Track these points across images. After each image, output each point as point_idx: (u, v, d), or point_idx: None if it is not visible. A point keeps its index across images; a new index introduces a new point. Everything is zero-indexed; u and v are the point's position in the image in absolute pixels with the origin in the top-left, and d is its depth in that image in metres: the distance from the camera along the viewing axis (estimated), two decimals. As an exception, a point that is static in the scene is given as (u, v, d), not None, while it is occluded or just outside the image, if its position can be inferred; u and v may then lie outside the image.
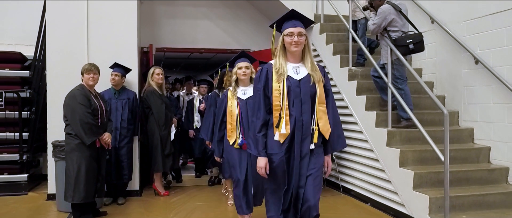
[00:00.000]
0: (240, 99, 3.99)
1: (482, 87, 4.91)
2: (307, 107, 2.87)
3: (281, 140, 2.85)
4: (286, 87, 2.84)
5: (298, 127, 2.85)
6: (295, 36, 2.82)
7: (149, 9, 6.98)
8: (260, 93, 2.93)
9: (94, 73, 4.65)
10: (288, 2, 6.75)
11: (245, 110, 3.96)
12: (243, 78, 4.00)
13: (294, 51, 2.85)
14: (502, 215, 4.01)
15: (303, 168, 2.89)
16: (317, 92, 2.87)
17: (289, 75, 2.87)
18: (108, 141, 4.67)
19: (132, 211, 5.10)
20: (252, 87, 3.86)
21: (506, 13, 4.56)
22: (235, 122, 3.97)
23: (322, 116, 2.89)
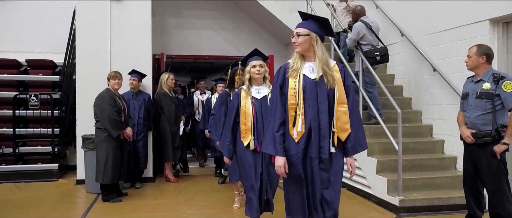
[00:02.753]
0: (255, 98, 3.84)
1: (438, 91, 5.88)
2: (324, 108, 2.82)
3: (296, 139, 2.82)
4: (301, 86, 2.82)
5: (315, 127, 2.81)
6: (294, 36, 2.90)
7: (160, 21, 7.93)
8: (277, 91, 2.90)
9: (119, 79, 5.71)
10: (281, 15, 7.74)
11: (260, 110, 3.82)
12: (257, 77, 3.84)
13: (297, 51, 2.89)
14: (446, 193, 4.98)
15: (323, 171, 2.83)
16: (336, 92, 2.82)
17: (304, 73, 2.85)
18: (130, 134, 5.72)
19: (147, 193, 6.11)
20: (265, 86, 3.87)
21: (455, 30, 5.53)
22: (250, 122, 3.79)
23: (341, 117, 2.83)
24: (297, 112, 2.82)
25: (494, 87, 3.77)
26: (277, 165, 2.84)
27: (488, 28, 5.03)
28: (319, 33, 2.88)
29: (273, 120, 2.89)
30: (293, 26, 7.78)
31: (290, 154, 2.85)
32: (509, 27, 4.97)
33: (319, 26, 2.90)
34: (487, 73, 3.88)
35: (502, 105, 3.75)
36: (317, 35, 2.86)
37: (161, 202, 5.61)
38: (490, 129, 3.77)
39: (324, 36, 2.96)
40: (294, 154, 2.84)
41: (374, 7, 7.20)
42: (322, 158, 2.83)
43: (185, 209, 5.19)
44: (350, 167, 2.95)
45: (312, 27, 2.87)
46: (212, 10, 8.51)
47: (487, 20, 5.02)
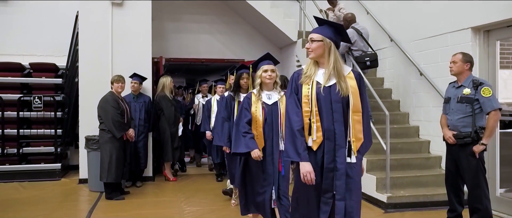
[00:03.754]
0: (266, 104, 3.73)
1: (425, 94, 6.22)
2: (339, 116, 2.75)
3: (314, 147, 2.75)
4: (315, 92, 2.75)
5: (329, 136, 2.74)
6: (308, 42, 2.83)
7: (159, 25, 8.17)
8: (293, 98, 2.84)
9: (122, 83, 5.98)
10: (277, 21, 8.06)
11: (270, 116, 3.72)
12: (268, 81, 3.74)
13: (311, 57, 2.83)
14: (431, 191, 5.32)
15: (340, 180, 2.73)
16: (351, 100, 2.74)
17: (318, 80, 2.79)
18: (132, 135, 6.00)
19: (148, 191, 6.39)
20: (276, 92, 3.80)
21: (440, 37, 5.86)
22: (261, 128, 3.69)
23: (355, 125, 2.76)
24: (311, 120, 2.74)
25: (474, 92, 4.09)
26: (304, 170, 2.71)
27: (470, 36, 5.36)
28: (333, 39, 2.79)
29: (292, 126, 2.78)
30: (287, 31, 8.22)
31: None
32: (490, 35, 5.31)
33: (334, 32, 2.81)
34: (467, 79, 4.21)
35: (480, 109, 4.08)
36: (331, 41, 2.77)
37: (162, 199, 5.90)
38: (470, 131, 4.10)
39: (339, 42, 2.88)
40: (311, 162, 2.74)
41: (365, 13, 7.52)
42: (338, 168, 2.73)
43: (186, 206, 5.48)
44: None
45: (326, 32, 2.79)
46: (209, 15, 8.79)
47: (469, 28, 5.35)
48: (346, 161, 2.74)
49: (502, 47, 5.59)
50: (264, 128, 3.70)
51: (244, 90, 4.50)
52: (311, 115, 2.75)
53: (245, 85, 4.54)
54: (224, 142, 4.58)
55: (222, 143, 4.67)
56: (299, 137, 2.75)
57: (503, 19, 4.91)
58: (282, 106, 3.68)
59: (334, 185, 2.74)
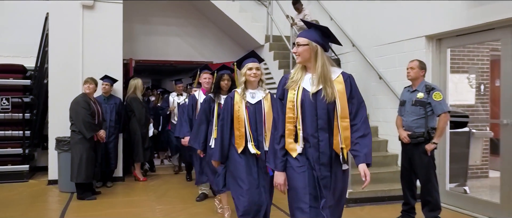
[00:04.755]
0: (249, 103, 3.62)
1: (383, 96, 6.65)
2: (324, 123, 2.64)
3: (294, 155, 2.70)
4: (300, 98, 2.67)
5: (314, 144, 2.65)
6: (295, 47, 2.75)
7: (128, 27, 8.20)
8: (278, 103, 2.79)
9: (90, 84, 6.06)
10: (245, 25, 8.33)
11: (253, 116, 3.62)
12: (253, 80, 3.62)
13: (298, 62, 2.75)
14: (388, 186, 5.73)
15: (326, 188, 2.64)
16: (338, 106, 2.63)
17: (304, 86, 2.70)
18: (103, 136, 6.10)
19: (119, 191, 6.49)
20: (260, 90, 3.70)
21: (398, 44, 6.30)
22: (243, 128, 3.57)
23: (344, 132, 2.65)
24: (297, 127, 2.68)
25: (426, 96, 4.51)
26: (276, 181, 2.74)
27: (424, 43, 5.82)
28: (320, 43, 2.70)
29: (275, 133, 2.77)
30: (255, 34, 8.50)
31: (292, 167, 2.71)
32: (441, 43, 5.77)
33: (321, 35, 2.73)
34: (421, 84, 4.62)
35: (432, 111, 4.49)
36: (318, 45, 2.68)
37: (134, 199, 6.04)
38: (422, 131, 4.50)
39: (327, 45, 2.79)
40: (298, 166, 2.68)
41: (328, 19, 7.90)
42: (324, 176, 2.65)
43: (157, 205, 5.65)
44: (363, 174, 2.64)
45: (312, 36, 2.70)
46: (178, 18, 8.96)
47: (423, 37, 5.81)
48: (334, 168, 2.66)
49: (452, 53, 6.11)
50: (250, 128, 3.58)
51: (224, 92, 4.43)
52: (297, 122, 2.67)
53: (225, 86, 4.42)
54: (199, 145, 4.46)
55: (196, 145, 4.52)
56: (278, 145, 2.72)
57: (453, 29, 5.38)
58: (267, 105, 3.63)
59: (321, 193, 2.64)
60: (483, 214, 5.02)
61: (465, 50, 6.83)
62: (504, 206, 4.80)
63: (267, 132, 3.52)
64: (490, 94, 7.10)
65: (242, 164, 3.59)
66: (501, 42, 4.93)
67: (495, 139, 6.36)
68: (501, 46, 4.94)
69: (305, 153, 2.68)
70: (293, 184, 2.70)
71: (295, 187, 2.68)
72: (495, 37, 5.10)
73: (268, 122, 3.55)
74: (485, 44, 6.73)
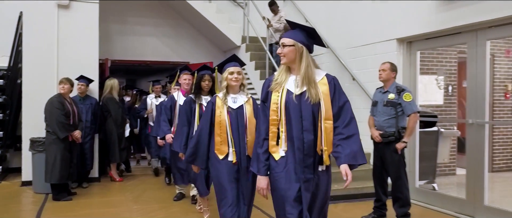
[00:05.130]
0: (231, 108, 3.52)
1: (356, 97, 6.84)
2: (309, 124, 2.62)
3: (276, 158, 2.68)
4: (284, 100, 2.65)
5: (298, 146, 2.62)
6: (280, 47, 2.72)
7: (104, 27, 8.09)
8: (262, 106, 2.75)
9: (65, 84, 6.03)
10: (221, 26, 8.41)
11: (235, 121, 3.51)
12: (234, 84, 3.52)
13: (283, 63, 2.71)
14: (361, 184, 5.92)
15: (307, 191, 2.62)
16: (322, 107, 2.62)
17: (288, 88, 2.68)
18: (78, 136, 6.06)
19: (95, 192, 6.46)
20: (242, 95, 3.61)
21: (370, 46, 6.51)
22: (225, 134, 3.48)
23: (328, 134, 2.63)
24: (280, 129, 2.65)
25: (397, 97, 4.70)
26: (259, 186, 2.72)
27: (395, 46, 6.03)
28: (306, 44, 2.68)
29: (257, 136, 2.75)
30: (231, 35, 8.59)
31: (274, 172, 2.68)
32: (412, 45, 6.00)
33: (306, 36, 2.71)
34: (392, 86, 4.81)
35: (402, 112, 4.68)
36: (303, 46, 2.67)
37: (110, 199, 6.04)
38: (393, 130, 4.69)
39: (312, 46, 2.75)
40: (279, 172, 2.66)
41: (304, 21, 8.06)
42: (307, 178, 2.63)
43: (134, 205, 5.67)
44: (345, 174, 2.62)
45: (298, 37, 2.68)
46: (155, 18, 8.96)
47: (394, 39, 6.03)
48: (318, 171, 2.64)
49: (422, 56, 6.35)
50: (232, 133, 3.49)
51: (205, 93, 4.41)
52: (280, 124, 2.65)
53: (206, 87, 4.39)
54: (181, 148, 4.30)
55: (177, 149, 4.38)
56: (260, 148, 2.71)
57: (422, 32, 5.61)
58: (249, 110, 3.57)
59: (302, 196, 2.62)
60: (450, 209, 5.26)
61: (434, 52, 7.11)
62: (469, 202, 5.05)
63: (249, 137, 3.47)
64: (457, 94, 7.41)
65: (224, 172, 3.47)
66: (467, 46, 5.17)
67: (462, 138, 6.65)
68: (467, 49, 5.18)
69: (288, 155, 2.65)
70: (276, 187, 2.67)
71: (279, 190, 2.66)
72: (461, 41, 5.35)
73: (250, 127, 3.49)
74: (453, 47, 7.02)
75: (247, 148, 3.49)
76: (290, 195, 2.62)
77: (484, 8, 4.72)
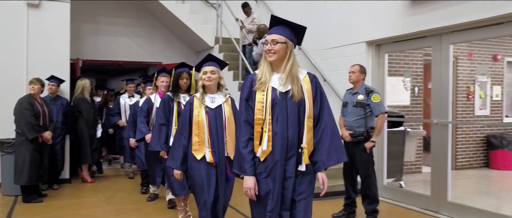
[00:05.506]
0: (209, 108, 3.49)
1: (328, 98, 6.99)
2: (293, 122, 2.59)
3: (262, 158, 2.59)
4: (270, 99, 2.59)
5: (283, 144, 2.57)
6: (269, 44, 2.62)
7: (75, 27, 7.98)
8: (243, 104, 2.66)
9: (35, 84, 5.93)
10: (195, 27, 8.44)
11: (214, 121, 3.48)
12: (207, 84, 3.48)
13: (268, 60, 2.63)
14: (332, 182, 5.94)
15: (287, 190, 2.60)
16: (307, 105, 2.60)
17: (273, 86, 2.61)
18: (48, 137, 5.97)
19: (66, 193, 6.39)
20: (220, 95, 3.57)
21: (341, 48, 6.69)
22: (204, 134, 3.44)
23: (309, 132, 2.61)
24: (263, 129, 2.59)
25: (366, 98, 4.87)
26: (247, 186, 2.59)
27: (365, 49, 6.24)
28: (294, 42, 2.68)
29: (240, 136, 2.64)
30: (204, 36, 8.63)
31: (256, 172, 2.61)
32: (381, 48, 6.22)
33: (295, 34, 2.68)
34: (361, 87, 4.98)
35: (371, 112, 4.86)
36: (292, 44, 2.66)
37: (83, 200, 5.99)
38: (362, 130, 4.86)
39: (295, 45, 2.72)
40: (260, 172, 2.60)
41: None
42: (287, 177, 2.60)
43: (107, 205, 5.65)
44: (322, 182, 2.68)
45: (289, 34, 2.64)
46: (127, 18, 8.90)
47: (364, 42, 6.23)
48: (297, 170, 2.60)
49: (390, 58, 6.59)
50: (210, 133, 3.46)
51: (183, 91, 4.38)
52: (264, 124, 2.59)
53: (184, 85, 4.34)
54: (161, 146, 4.29)
55: (158, 148, 4.33)
56: (245, 148, 2.61)
57: (390, 36, 5.83)
58: (227, 110, 3.55)
59: (283, 195, 2.61)
60: (416, 205, 5.49)
61: (401, 55, 7.38)
62: (433, 198, 5.29)
63: (228, 137, 3.47)
64: (423, 95, 7.71)
65: (202, 174, 3.45)
66: (432, 49, 5.42)
67: (427, 137, 6.94)
68: (432, 52, 5.43)
69: (272, 155, 2.58)
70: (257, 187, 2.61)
71: (260, 190, 2.61)
72: (427, 44, 5.59)
73: (229, 127, 3.48)
74: (419, 50, 7.31)
75: (227, 149, 3.48)
76: (269, 199, 2.59)
77: (448, 13, 4.96)
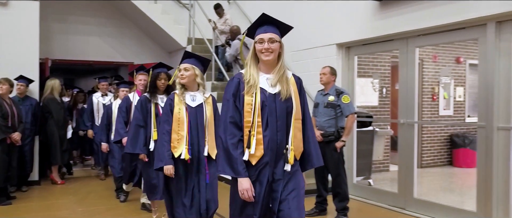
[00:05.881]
0: (189, 106, 3.45)
1: (299, 99, 7.17)
2: (282, 124, 2.52)
3: (253, 162, 2.49)
4: (259, 101, 2.51)
5: (272, 147, 2.50)
6: (266, 42, 2.51)
7: (44, 25, 7.81)
8: (230, 104, 2.55)
9: (3, 84, 5.83)
10: (167, 27, 8.42)
11: (194, 120, 3.44)
12: (181, 81, 3.44)
13: (265, 60, 2.53)
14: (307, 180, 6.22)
15: (277, 192, 2.53)
16: (294, 106, 2.54)
17: (262, 87, 2.54)
18: (17, 138, 5.86)
19: (36, 195, 6.29)
20: (200, 93, 3.52)
21: (312, 50, 6.85)
22: (183, 131, 3.40)
23: (297, 134, 2.56)
24: (251, 132, 2.49)
25: (337, 99, 5.03)
26: (242, 188, 2.45)
27: (335, 51, 6.41)
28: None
29: (228, 138, 2.50)
30: (177, 37, 8.62)
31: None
32: (350, 51, 6.41)
33: (282, 34, 2.64)
34: (332, 88, 5.13)
35: (341, 113, 5.02)
36: (282, 43, 2.61)
37: (53, 202, 5.91)
38: (333, 130, 5.01)
39: None
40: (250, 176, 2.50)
41: (248, 23, 8.29)
42: (276, 180, 2.54)
43: (79, 207, 5.61)
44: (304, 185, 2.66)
45: (279, 33, 2.62)
46: (98, 17, 8.79)
47: (334, 44, 6.40)
48: (284, 171, 2.53)
49: (359, 60, 6.78)
50: (189, 132, 3.42)
51: (161, 92, 4.28)
52: (252, 127, 2.50)
53: (162, 86, 4.24)
54: (140, 149, 4.20)
55: (137, 150, 4.21)
56: (235, 150, 2.48)
57: (360, 38, 6.01)
58: (208, 109, 3.52)
59: (272, 198, 2.55)
60: (384, 202, 5.70)
61: (370, 57, 7.62)
62: (400, 195, 5.51)
63: (208, 137, 3.46)
64: (390, 96, 7.97)
65: (180, 173, 3.42)
66: (399, 51, 5.63)
67: (394, 137, 7.19)
68: (399, 54, 5.64)
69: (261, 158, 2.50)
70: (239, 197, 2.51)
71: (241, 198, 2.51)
72: (394, 47, 5.81)
73: (210, 127, 3.48)
74: (387, 53, 7.55)
75: (208, 148, 3.46)
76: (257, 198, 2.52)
77: (414, 18, 5.18)
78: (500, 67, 4.45)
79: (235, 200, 2.60)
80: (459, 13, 4.67)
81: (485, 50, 4.57)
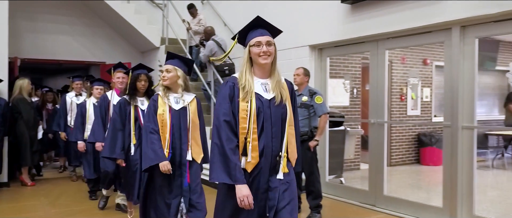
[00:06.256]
0: (172, 109, 3.39)
1: (273, 99, 7.28)
2: (277, 130, 2.47)
3: (249, 169, 2.42)
4: (255, 107, 2.44)
5: (267, 153, 2.44)
6: (264, 46, 2.43)
7: (12, 23, 7.67)
8: (226, 105, 2.47)
9: (-30, 84, 5.69)
10: (140, 27, 8.37)
11: (177, 122, 3.39)
12: (163, 83, 3.39)
13: (263, 63, 2.45)
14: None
15: (272, 200, 2.46)
16: (288, 112, 2.50)
17: (257, 92, 2.47)
18: (-14, 140, 5.75)
19: (6, 197, 6.14)
20: (185, 95, 3.47)
21: (285, 51, 6.86)
22: (167, 134, 3.34)
23: (291, 140, 2.53)
24: (247, 138, 2.42)
25: (310, 99, 5.15)
26: (241, 195, 2.35)
27: (308, 52, 6.55)
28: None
29: (223, 144, 2.39)
30: (150, 37, 8.60)
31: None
32: (323, 52, 6.56)
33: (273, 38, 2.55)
34: (305, 89, 5.26)
35: (314, 113, 5.15)
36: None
37: (24, 204, 5.80)
38: (307, 130, 5.13)
39: None
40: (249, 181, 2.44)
41: (222, 25, 8.33)
42: (272, 188, 2.47)
43: (52, 208, 5.52)
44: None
45: (272, 36, 2.53)
46: (69, 16, 8.66)
47: (307, 46, 6.54)
48: (277, 179, 2.47)
49: (331, 61, 6.95)
50: (171, 134, 3.37)
51: (141, 94, 4.18)
52: (248, 134, 2.42)
53: (142, 88, 4.13)
54: (118, 153, 4.10)
55: (115, 154, 4.12)
56: (233, 155, 2.38)
57: (332, 40, 6.17)
58: (192, 111, 3.47)
59: (267, 207, 2.48)
60: (355, 200, 5.87)
61: (342, 58, 7.80)
62: (371, 193, 5.69)
63: (191, 141, 3.42)
64: (361, 97, 8.19)
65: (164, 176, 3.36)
66: (370, 53, 5.82)
67: (365, 136, 7.40)
68: (370, 56, 5.83)
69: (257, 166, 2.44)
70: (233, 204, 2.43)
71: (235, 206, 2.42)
72: (365, 49, 5.99)
73: (193, 130, 3.45)
74: (358, 54, 7.76)
75: (192, 152, 3.43)
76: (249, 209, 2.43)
77: (384, 22, 5.36)
78: (464, 69, 4.67)
79: (224, 208, 2.51)
80: (426, 18, 4.88)
81: (450, 53, 4.79)
